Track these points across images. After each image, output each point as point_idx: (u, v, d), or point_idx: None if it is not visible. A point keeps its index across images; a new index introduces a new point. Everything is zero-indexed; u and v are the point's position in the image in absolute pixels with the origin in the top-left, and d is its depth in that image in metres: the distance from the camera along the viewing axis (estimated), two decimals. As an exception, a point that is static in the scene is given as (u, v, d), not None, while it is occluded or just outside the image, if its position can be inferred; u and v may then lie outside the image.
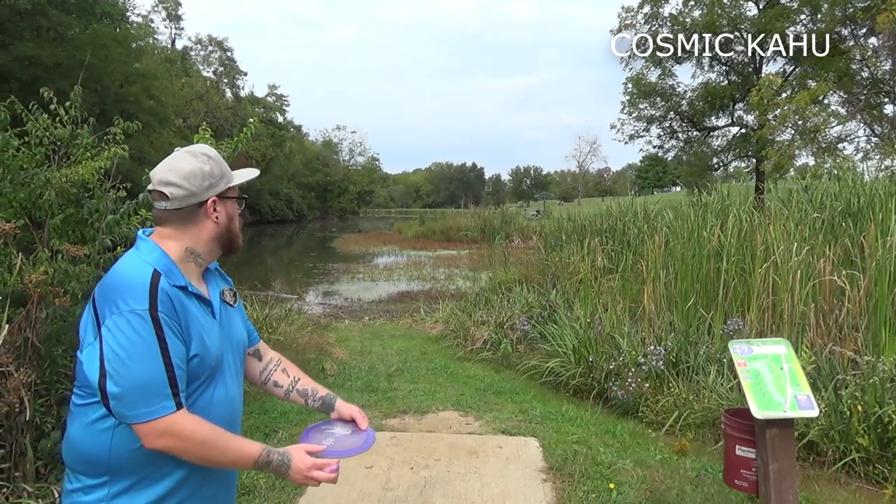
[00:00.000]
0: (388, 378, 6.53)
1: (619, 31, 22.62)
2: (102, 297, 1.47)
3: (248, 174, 1.75)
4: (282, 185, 67.91)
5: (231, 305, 1.74)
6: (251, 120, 4.92)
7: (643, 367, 5.57)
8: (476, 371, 6.98)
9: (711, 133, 23.91)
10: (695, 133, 24.12)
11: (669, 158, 26.30)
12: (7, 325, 3.06)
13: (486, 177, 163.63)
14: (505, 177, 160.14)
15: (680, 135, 24.21)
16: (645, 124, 23.74)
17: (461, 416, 5.26)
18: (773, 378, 2.98)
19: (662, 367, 5.51)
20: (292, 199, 69.65)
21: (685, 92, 23.45)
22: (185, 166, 1.59)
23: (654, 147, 24.64)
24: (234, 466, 1.58)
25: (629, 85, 23.27)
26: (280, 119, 69.79)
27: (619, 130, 24.03)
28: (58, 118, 3.94)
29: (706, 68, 23.22)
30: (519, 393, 6.04)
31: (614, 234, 10.47)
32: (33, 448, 3.15)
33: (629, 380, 5.46)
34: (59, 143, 3.90)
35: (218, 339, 1.60)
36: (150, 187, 1.61)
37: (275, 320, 7.57)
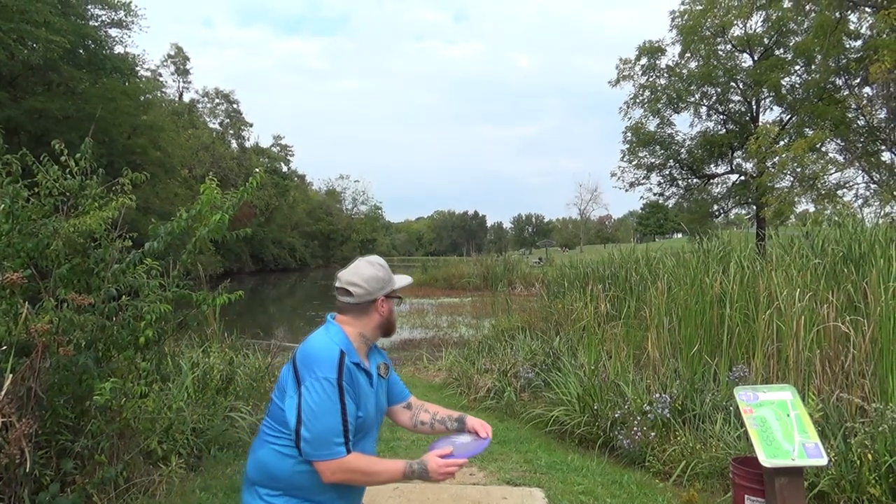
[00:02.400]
0: (390, 428, 6.43)
1: (618, 81, 23.08)
2: (303, 364, 2.00)
3: (404, 280, 2.24)
4: (285, 233, 68.30)
5: (383, 378, 2.21)
6: (257, 170, 5.01)
7: (649, 416, 5.50)
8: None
9: (711, 180, 24.13)
10: (695, 180, 24.33)
11: (670, 205, 26.48)
12: (10, 375, 3.05)
13: (488, 224, 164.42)
14: (507, 224, 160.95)
15: (680, 182, 24.41)
16: (645, 172, 23.99)
17: (465, 466, 5.16)
18: (780, 425, 2.95)
19: (668, 416, 5.44)
20: (295, 248, 69.95)
21: (684, 140, 23.78)
22: (366, 272, 2.12)
23: (655, 194, 24.86)
24: (389, 482, 2.03)
25: (629, 133, 23.62)
26: (284, 169, 70.73)
27: (619, 178, 24.30)
28: (67, 169, 4.01)
29: (704, 117, 23.61)
30: (523, 442, 5.96)
31: (617, 280, 10.45)
32: (31, 501, 3.10)
33: (635, 428, 5.38)
34: (68, 193, 3.97)
35: (373, 405, 2.09)
36: (337, 284, 2.12)
37: (277, 369, 7.51)
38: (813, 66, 20.02)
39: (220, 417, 5.40)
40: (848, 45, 18.71)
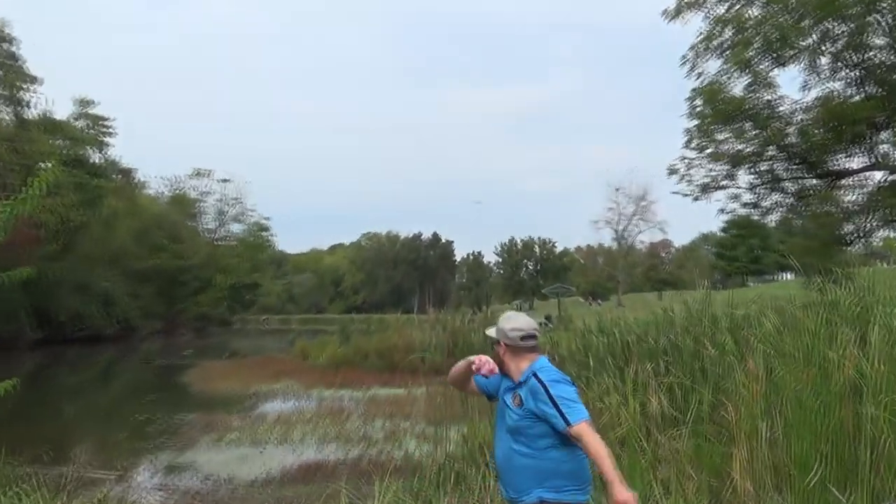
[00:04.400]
0: None
1: (679, 13, 23.40)
2: None
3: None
4: (95, 273, 67.31)
5: (511, 405, 5.28)
6: (44, 166, 4.98)
7: None
8: None
9: (840, 181, 24.34)
10: (812, 181, 24.51)
11: (771, 224, 26.69)
12: None
13: (458, 256, 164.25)
14: (490, 256, 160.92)
15: (788, 184, 24.43)
16: (727, 167, 24.01)
17: None
18: None
19: None
20: (113, 299, 68.90)
21: (793, 113, 23.83)
22: None
23: (745, 205, 24.85)
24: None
25: (698, 101, 23.69)
26: (96, 158, 69.87)
27: (682, 177, 24.36)
28: None
29: (826, 74, 23.91)
30: None
31: (679, 356, 10.63)
32: None
33: None
34: None
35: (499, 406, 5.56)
36: (533, 332, 5.41)
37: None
38: None
39: None
40: None
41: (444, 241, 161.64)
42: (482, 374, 5.38)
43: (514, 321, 5.32)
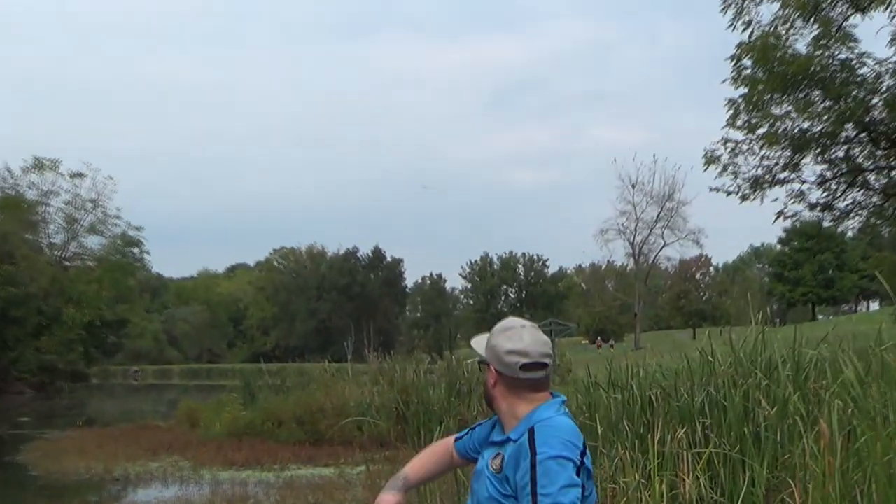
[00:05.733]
0: None
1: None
2: None
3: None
4: None
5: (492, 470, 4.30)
6: None
7: None
8: None
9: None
10: (905, 172, 24.34)
11: (849, 234, 26.52)
12: None
13: (409, 280, 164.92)
14: (454, 280, 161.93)
15: (872, 177, 24.24)
16: (788, 152, 23.69)
17: None
18: None
19: None
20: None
21: (880, 77, 23.59)
22: None
23: (813, 207, 24.68)
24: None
25: (746, 61, 23.33)
26: None
27: (725, 168, 24.14)
28: None
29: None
30: None
31: (723, 417, 10.52)
32: None
33: None
34: None
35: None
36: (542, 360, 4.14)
37: None
38: None
39: None
40: None
41: (389, 259, 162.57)
42: None
43: (514, 338, 4.07)
